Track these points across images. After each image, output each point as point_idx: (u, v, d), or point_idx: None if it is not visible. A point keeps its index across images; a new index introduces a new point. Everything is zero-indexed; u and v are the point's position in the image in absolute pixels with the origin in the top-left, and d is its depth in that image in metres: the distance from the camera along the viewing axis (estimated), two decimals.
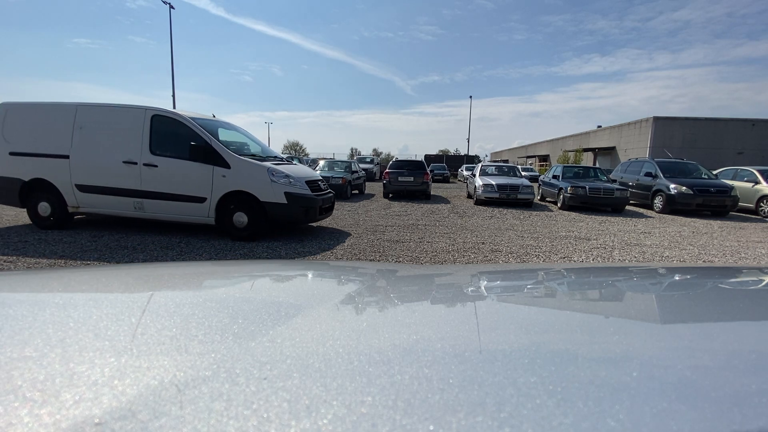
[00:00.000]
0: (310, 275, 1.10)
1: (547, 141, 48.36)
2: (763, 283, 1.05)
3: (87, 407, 0.36)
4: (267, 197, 6.10)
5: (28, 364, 0.44)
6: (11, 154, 6.56)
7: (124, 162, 6.22)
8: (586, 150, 35.25)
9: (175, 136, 6.32)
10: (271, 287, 0.97)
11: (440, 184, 24.70)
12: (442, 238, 6.85)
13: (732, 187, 11.63)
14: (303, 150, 75.66)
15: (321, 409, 0.36)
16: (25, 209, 6.73)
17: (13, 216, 7.60)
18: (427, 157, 38.62)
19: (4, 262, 4.68)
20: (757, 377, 0.45)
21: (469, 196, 14.75)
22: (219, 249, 5.57)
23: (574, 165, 17.46)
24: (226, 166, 6.09)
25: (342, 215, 9.30)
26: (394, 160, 16.21)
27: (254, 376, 0.42)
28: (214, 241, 6.05)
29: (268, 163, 6.34)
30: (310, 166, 18.29)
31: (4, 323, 0.57)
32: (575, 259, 5.67)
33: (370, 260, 5.26)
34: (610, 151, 32.57)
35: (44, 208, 6.55)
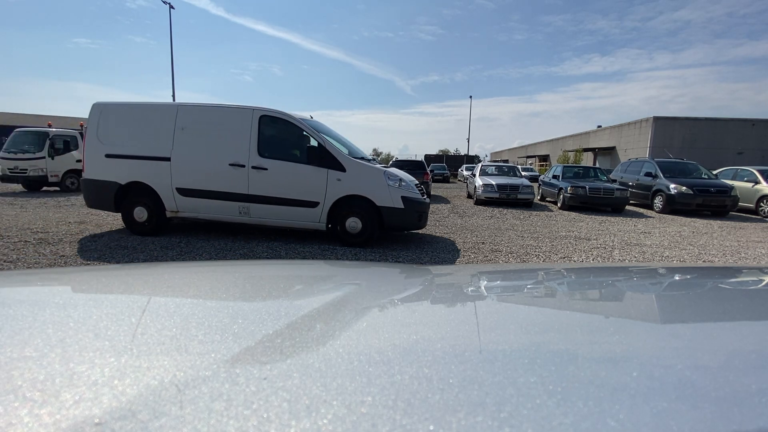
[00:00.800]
0: (310, 275, 1.10)
1: (547, 141, 48.33)
2: (763, 283, 1.05)
3: (87, 407, 0.36)
4: (384, 201, 5.80)
5: (28, 364, 0.44)
6: (107, 156, 6.25)
7: (231, 165, 5.94)
8: (586, 150, 35.24)
9: (284, 138, 6.11)
10: (271, 287, 0.97)
11: (440, 184, 24.71)
12: (442, 238, 6.85)
13: (732, 187, 11.63)
14: None
15: (321, 409, 0.36)
16: (119, 213, 6.42)
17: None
18: (427, 157, 38.65)
19: (4, 262, 4.69)
20: (757, 377, 0.45)
21: (469, 196, 14.75)
22: (219, 249, 5.57)
23: (574, 165, 17.45)
24: (341, 169, 5.81)
25: None
26: (394, 160, 16.22)
27: (254, 376, 0.42)
28: (214, 241, 6.04)
29: (379, 166, 6.11)
30: None
31: (4, 323, 0.57)
32: (575, 258, 5.67)
33: (370, 260, 5.26)
34: (610, 151, 32.56)
35: (140, 212, 6.25)
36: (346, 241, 5.91)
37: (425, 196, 6.37)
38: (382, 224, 5.88)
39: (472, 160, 41.01)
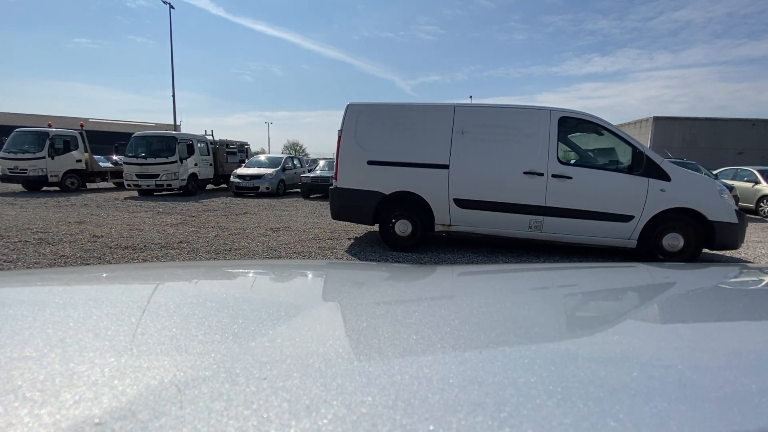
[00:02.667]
0: (310, 275, 1.10)
1: None
2: (763, 283, 1.05)
3: (87, 407, 0.36)
4: (717, 216, 4.94)
5: (28, 364, 0.44)
6: (369, 163, 5.55)
7: (526, 173, 5.20)
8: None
9: (589, 143, 5.46)
10: (271, 287, 0.97)
11: None
12: (442, 237, 6.85)
13: (732, 187, 11.63)
14: (303, 150, 75.67)
15: (321, 409, 0.36)
16: (369, 225, 5.86)
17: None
18: None
19: (4, 262, 4.69)
20: (757, 377, 0.45)
21: None
22: (219, 249, 5.57)
23: None
24: (665, 178, 5.03)
25: None
26: None
27: (254, 376, 0.42)
28: (213, 240, 6.04)
29: (703, 174, 5.37)
30: (310, 166, 18.30)
31: (4, 323, 0.57)
32: (575, 258, 5.67)
33: (371, 260, 5.26)
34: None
35: (403, 226, 5.53)
36: (653, 259, 4.97)
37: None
38: (710, 241, 5.02)
39: None
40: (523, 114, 5.34)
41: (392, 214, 5.59)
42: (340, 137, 5.72)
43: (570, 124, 5.37)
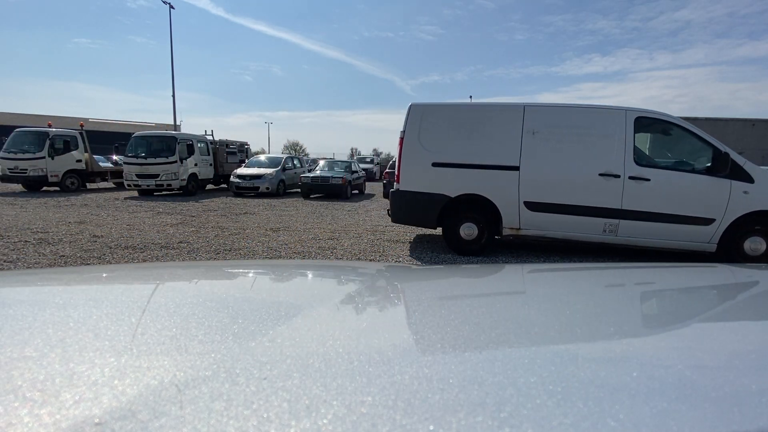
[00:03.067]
0: (310, 275, 1.11)
1: None
2: (763, 283, 1.05)
3: (87, 407, 0.36)
4: None
5: (28, 364, 0.44)
6: (434, 165, 5.42)
7: (601, 175, 5.05)
8: None
9: (667, 143, 5.32)
10: (271, 287, 0.97)
11: None
12: (442, 237, 6.84)
13: None
14: (303, 150, 75.65)
15: (321, 409, 0.36)
16: (426, 228, 5.71)
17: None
18: None
19: (4, 262, 4.69)
20: (757, 377, 0.45)
21: None
22: (219, 249, 5.57)
23: None
24: (749, 179, 4.88)
25: (342, 215, 9.30)
26: (394, 160, 16.21)
27: (254, 376, 0.42)
28: (213, 240, 6.05)
29: None
30: (310, 166, 18.31)
31: (4, 323, 0.57)
32: (576, 258, 5.67)
33: (370, 260, 5.26)
34: None
35: (469, 229, 5.40)
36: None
37: None
38: None
39: None
40: (597, 114, 5.20)
41: (457, 217, 5.45)
42: (402, 138, 5.56)
43: (646, 124, 5.21)
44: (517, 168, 5.24)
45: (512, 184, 5.26)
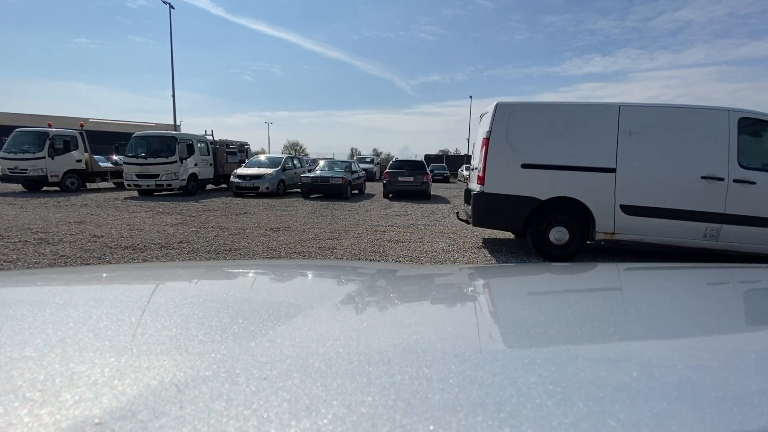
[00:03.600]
0: (310, 275, 1.11)
1: None
2: (763, 283, 1.05)
3: (87, 407, 0.36)
4: None
5: (28, 364, 0.44)
6: (524, 166, 5.19)
7: (704, 177, 4.87)
8: None
9: None
10: (271, 287, 0.97)
11: (440, 184, 24.72)
12: (442, 237, 6.84)
13: None
14: (303, 150, 75.62)
15: (321, 409, 0.36)
16: (513, 235, 5.50)
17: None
18: (427, 157, 38.67)
19: (4, 262, 4.69)
20: (757, 377, 0.45)
21: None
22: (219, 249, 5.57)
23: None
24: None
25: (342, 215, 9.30)
26: (394, 160, 16.23)
27: (254, 376, 0.42)
28: (213, 240, 6.05)
29: None
30: (310, 166, 18.30)
31: (4, 323, 0.57)
32: (576, 258, 5.67)
33: (370, 260, 5.26)
34: None
35: (559, 234, 5.19)
36: None
37: None
38: None
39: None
40: (698, 114, 5.01)
41: (547, 221, 5.24)
42: (487, 139, 5.32)
43: (751, 125, 5.01)
44: (613, 170, 5.04)
45: (608, 187, 5.05)
